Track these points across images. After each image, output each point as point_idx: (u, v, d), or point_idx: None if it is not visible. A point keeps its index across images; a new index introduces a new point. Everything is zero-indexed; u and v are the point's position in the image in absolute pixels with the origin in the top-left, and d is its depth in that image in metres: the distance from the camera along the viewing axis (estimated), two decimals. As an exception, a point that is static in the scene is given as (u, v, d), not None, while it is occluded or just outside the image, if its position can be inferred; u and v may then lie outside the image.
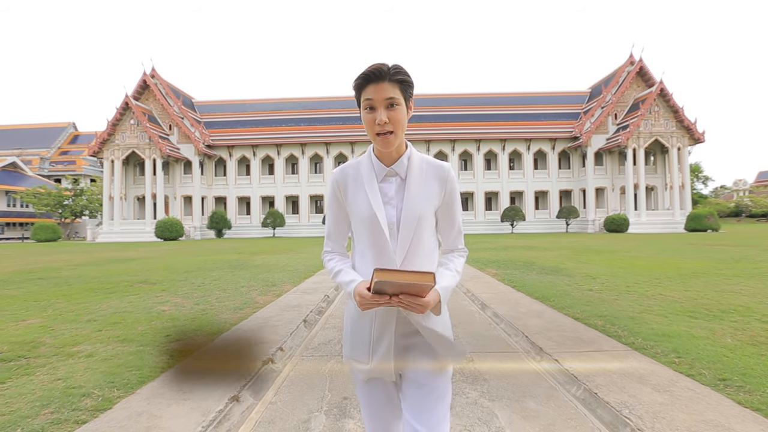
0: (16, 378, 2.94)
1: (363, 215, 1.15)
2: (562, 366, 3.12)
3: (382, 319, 1.14)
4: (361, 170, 1.20)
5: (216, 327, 4.38)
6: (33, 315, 5.05)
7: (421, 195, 1.15)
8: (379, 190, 1.17)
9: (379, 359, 1.14)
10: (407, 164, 1.17)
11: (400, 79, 1.09)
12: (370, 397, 1.20)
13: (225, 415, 2.47)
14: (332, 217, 1.26)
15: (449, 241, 1.26)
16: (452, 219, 1.23)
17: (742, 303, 4.91)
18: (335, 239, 1.27)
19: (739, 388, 2.54)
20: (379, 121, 1.08)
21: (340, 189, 1.21)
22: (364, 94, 1.10)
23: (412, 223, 1.13)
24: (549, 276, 7.71)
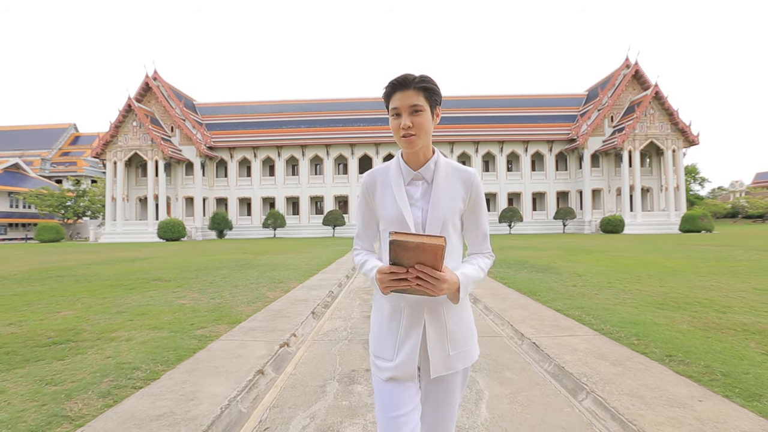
0: (72, 356, 3.44)
1: (390, 216, 1.20)
2: (538, 347, 3.64)
3: (410, 317, 1.18)
4: (390, 174, 1.24)
5: (234, 317, 4.89)
6: (64, 308, 5.55)
7: (446, 198, 1.19)
8: (406, 193, 1.22)
9: (403, 358, 1.17)
10: (434, 168, 1.22)
11: (424, 87, 1.15)
12: (388, 397, 1.19)
13: (254, 383, 2.98)
14: (361, 219, 1.32)
15: (475, 245, 1.29)
16: (477, 223, 1.26)
17: (707, 296, 5.43)
18: (364, 239, 1.33)
19: (681, 362, 3.05)
20: (403, 126, 1.14)
21: (369, 192, 1.27)
22: (392, 103, 1.17)
23: (438, 224, 1.17)
24: (539, 274, 8.23)
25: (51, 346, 3.76)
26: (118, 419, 2.35)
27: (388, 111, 1.20)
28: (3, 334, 4.18)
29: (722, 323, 4.08)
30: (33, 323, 4.65)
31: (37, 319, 4.88)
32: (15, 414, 2.38)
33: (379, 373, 1.21)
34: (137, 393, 2.72)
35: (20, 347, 3.71)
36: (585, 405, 2.63)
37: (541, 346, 3.63)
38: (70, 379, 2.93)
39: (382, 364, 1.20)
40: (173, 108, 37.49)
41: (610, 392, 2.62)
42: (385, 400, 1.19)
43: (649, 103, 34.17)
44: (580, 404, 2.65)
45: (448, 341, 1.19)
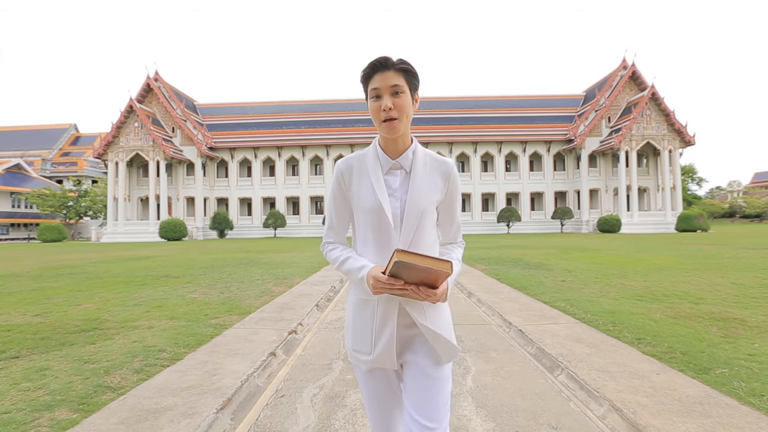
0: (101, 341, 3.81)
1: (367, 206, 1.17)
2: (523, 333, 4.01)
3: (384, 309, 1.16)
4: (367, 162, 1.21)
5: (244, 309, 5.26)
6: (83, 301, 5.91)
7: (425, 189, 1.17)
8: (384, 182, 1.18)
9: (381, 350, 1.16)
10: (412, 158, 1.19)
11: (404, 68, 1.12)
12: (373, 388, 1.21)
13: (267, 363, 3.35)
14: (335, 208, 1.27)
15: (449, 236, 1.29)
16: (453, 214, 1.26)
17: (685, 290, 5.81)
18: (337, 231, 1.29)
19: (648, 344, 3.43)
20: (384, 107, 1.10)
21: (345, 180, 1.22)
22: (371, 84, 1.13)
23: (416, 215, 1.15)
24: (531, 270, 8.61)
25: (80, 333, 4.13)
26: (153, 389, 2.72)
27: (366, 95, 1.16)
28: (33, 323, 4.55)
29: (693, 312, 4.46)
30: (58, 314, 5.02)
31: (61, 311, 5.24)
32: (64, 385, 2.75)
33: (360, 365, 1.22)
34: (166, 370, 3.09)
35: (52, 334, 4.08)
36: (559, 379, 3.00)
37: (526, 332, 4.00)
38: (104, 358, 3.30)
39: (362, 358, 1.20)
40: (174, 109, 37.82)
41: (581, 368, 3.00)
42: (370, 391, 1.21)
43: (646, 103, 34.57)
44: (555, 378, 3.02)
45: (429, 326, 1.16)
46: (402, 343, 1.19)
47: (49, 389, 2.68)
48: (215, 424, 2.31)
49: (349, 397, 2.68)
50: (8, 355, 3.42)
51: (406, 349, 1.20)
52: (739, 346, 3.27)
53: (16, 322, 4.64)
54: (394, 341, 1.15)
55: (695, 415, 2.22)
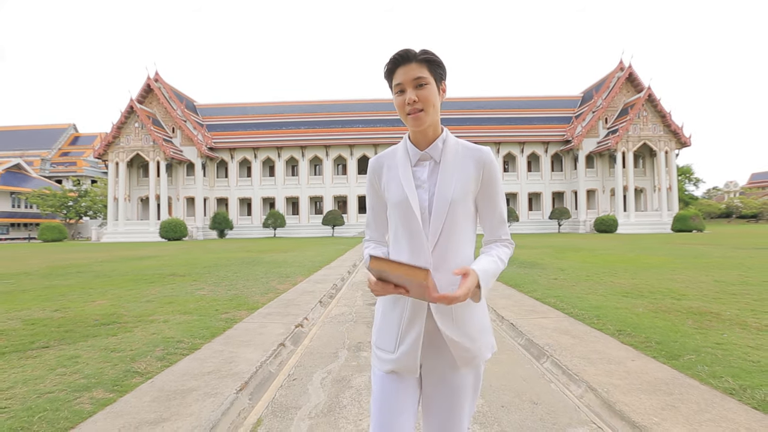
0: (122, 333, 4.09)
1: (396, 199, 1.14)
2: (514, 326, 4.31)
3: (414, 308, 1.11)
4: (397, 156, 1.19)
5: (252, 305, 5.55)
6: (97, 298, 6.19)
7: (455, 178, 1.12)
8: (413, 174, 1.15)
9: (405, 350, 1.11)
10: (442, 147, 1.15)
11: (427, 58, 1.09)
12: (385, 391, 1.13)
13: (277, 353, 3.64)
14: (370, 206, 1.27)
15: (491, 231, 1.20)
16: (492, 205, 1.18)
17: (669, 287, 6.12)
18: (373, 227, 1.28)
19: (627, 335, 3.73)
20: (408, 101, 1.08)
21: (376, 176, 1.22)
22: (394, 79, 1.11)
23: (444, 206, 1.10)
24: (526, 269, 8.92)
25: (100, 326, 4.41)
26: (177, 374, 3.01)
27: (391, 90, 1.14)
28: (54, 318, 4.83)
29: (673, 307, 4.77)
30: (75, 310, 5.30)
31: (77, 306, 5.52)
32: (96, 370, 3.04)
33: (380, 365, 1.16)
34: (186, 358, 3.38)
35: (75, 327, 4.36)
36: (545, 366, 3.30)
37: (517, 326, 4.30)
38: (128, 348, 3.59)
39: (383, 356, 1.15)
40: (174, 109, 38.05)
41: (564, 356, 3.30)
42: (382, 393, 1.14)
43: (643, 105, 34.94)
44: (541, 365, 3.32)
45: (456, 334, 1.10)
46: (429, 351, 1.14)
47: (83, 374, 2.97)
48: (236, 403, 2.61)
49: (355, 380, 2.97)
50: (39, 345, 3.70)
51: (432, 357, 1.14)
52: (709, 337, 3.57)
53: (38, 316, 4.92)
54: (420, 343, 1.10)
55: (660, 393, 2.52)
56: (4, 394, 2.63)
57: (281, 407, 2.58)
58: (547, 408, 2.52)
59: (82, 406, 2.46)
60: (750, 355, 3.09)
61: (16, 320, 4.74)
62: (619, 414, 2.34)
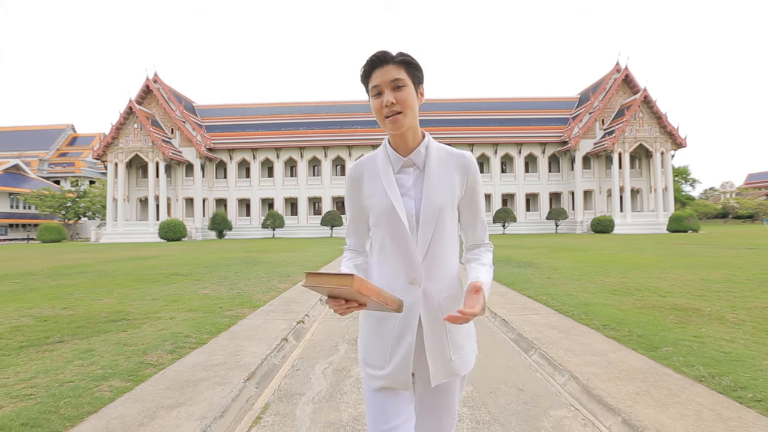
0: (132, 329, 4.29)
1: (380, 208, 1.10)
2: (506, 322, 4.53)
3: (403, 322, 1.08)
4: (378, 162, 1.15)
5: (254, 303, 5.74)
6: (103, 297, 6.38)
7: (441, 185, 1.10)
8: (396, 182, 1.12)
9: (396, 365, 1.08)
10: (425, 153, 1.13)
11: (404, 60, 1.07)
12: (380, 407, 1.11)
13: (281, 347, 3.85)
14: (350, 214, 1.23)
15: (474, 236, 1.21)
16: (476, 211, 1.18)
17: (657, 285, 6.35)
18: (353, 236, 1.24)
19: (612, 329, 3.95)
20: (386, 103, 1.05)
21: (356, 184, 1.17)
22: (371, 81, 1.08)
23: (433, 214, 1.08)
24: (521, 268, 9.14)
25: (110, 323, 4.60)
26: (187, 365, 3.21)
27: (368, 93, 1.11)
28: (64, 315, 5.01)
29: (657, 304, 4.99)
30: (84, 308, 5.49)
31: (85, 305, 5.71)
32: (111, 362, 3.24)
33: (371, 382, 1.13)
34: (195, 351, 3.58)
35: (85, 324, 4.55)
36: (533, 358, 3.51)
37: (509, 321, 4.52)
38: (139, 342, 3.78)
39: (374, 373, 1.12)
40: (173, 110, 38.19)
41: (551, 348, 3.51)
42: (377, 411, 1.11)
43: (639, 106, 35.27)
44: (529, 357, 3.53)
45: (448, 343, 1.10)
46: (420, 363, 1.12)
47: (99, 365, 3.17)
48: (244, 391, 2.81)
49: (354, 370, 3.18)
50: (54, 340, 3.90)
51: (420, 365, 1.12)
52: (688, 330, 3.79)
53: (48, 314, 5.11)
54: (411, 357, 1.08)
55: (636, 381, 2.73)
56: (28, 383, 2.82)
57: (287, 394, 2.79)
58: (531, 393, 2.73)
59: (102, 393, 2.66)
60: (723, 347, 3.31)
61: (28, 317, 4.92)
62: (597, 399, 2.55)
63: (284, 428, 2.30)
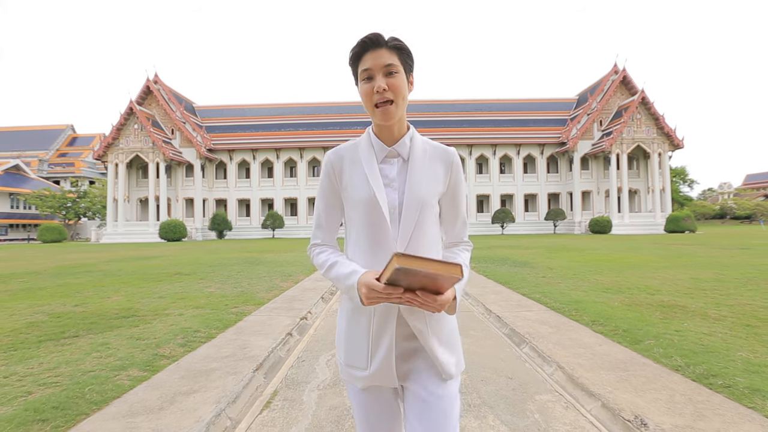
0: (143, 325, 4.49)
1: (360, 198, 1.06)
2: (500, 318, 4.74)
3: (381, 317, 1.03)
4: (360, 150, 1.10)
5: (258, 301, 5.95)
6: (111, 295, 6.57)
7: (425, 178, 1.07)
8: (380, 172, 1.08)
9: (379, 365, 1.03)
10: (410, 145, 1.10)
11: (397, 45, 1.03)
12: (367, 408, 1.09)
13: (285, 341, 4.05)
14: (323, 204, 1.15)
15: (454, 233, 1.17)
16: (457, 208, 1.14)
17: (647, 284, 6.57)
18: (326, 229, 1.15)
19: (600, 324, 4.16)
20: (378, 88, 1.00)
21: (335, 171, 1.11)
22: (362, 65, 1.03)
23: (416, 207, 1.04)
24: (517, 268, 9.35)
25: (121, 319, 4.80)
26: (199, 357, 3.42)
27: (355, 78, 1.07)
28: (76, 312, 5.22)
29: (646, 301, 5.21)
30: (94, 305, 5.69)
31: (95, 302, 5.91)
32: (127, 354, 3.44)
33: (354, 382, 1.08)
34: (205, 345, 3.79)
35: (98, 320, 4.76)
36: (524, 351, 3.72)
37: (503, 318, 4.73)
38: (151, 337, 3.99)
39: (356, 374, 1.07)
40: (174, 111, 38.38)
41: (541, 342, 3.72)
42: (364, 410, 1.09)
43: (636, 108, 35.53)
44: (520, 350, 3.75)
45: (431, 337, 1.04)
46: (403, 358, 1.06)
47: (116, 357, 3.37)
48: (253, 380, 3.01)
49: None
50: (70, 335, 4.10)
51: (407, 365, 1.07)
52: (670, 325, 4.01)
53: (61, 311, 5.31)
54: (393, 354, 1.03)
55: (617, 370, 2.94)
56: (52, 372, 3.03)
57: (293, 382, 3.00)
58: (519, 381, 2.94)
59: (122, 381, 2.86)
60: (702, 340, 3.52)
61: (41, 314, 5.12)
62: (580, 386, 2.76)
63: (293, 411, 2.52)
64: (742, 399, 2.38)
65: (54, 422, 2.25)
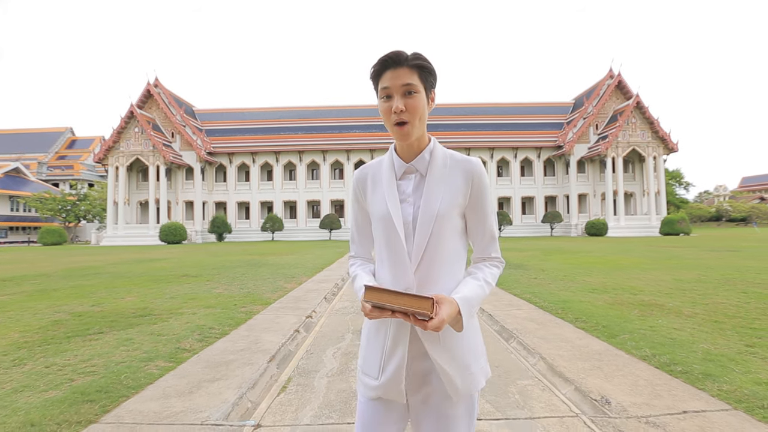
0: (160, 323, 4.84)
1: (378, 215, 1.10)
2: (491, 316, 5.11)
3: (396, 332, 1.04)
4: (382, 168, 1.14)
5: (265, 301, 6.30)
6: (125, 295, 6.91)
7: (442, 191, 1.06)
8: (398, 188, 1.09)
9: (389, 377, 1.04)
10: (428, 159, 1.10)
11: (418, 64, 1.03)
12: (371, 417, 1.09)
13: (294, 337, 4.41)
14: (354, 220, 1.22)
15: (481, 248, 1.13)
16: (483, 220, 1.11)
17: (632, 284, 6.95)
18: (359, 243, 1.22)
19: (582, 321, 4.53)
20: (395, 109, 1.01)
21: (360, 189, 1.17)
22: (381, 83, 1.04)
23: (429, 222, 1.03)
24: (511, 270, 9.73)
25: (139, 317, 5.15)
26: (217, 350, 3.77)
27: (376, 93, 1.08)
28: (95, 311, 5.56)
29: (628, 300, 5.58)
30: (109, 305, 6.03)
31: (110, 302, 6.25)
32: (151, 348, 3.79)
33: (365, 391, 1.11)
34: (220, 340, 4.14)
35: (117, 318, 5.10)
36: (511, 345, 4.09)
37: (494, 316, 5.10)
38: (170, 333, 4.34)
39: (368, 382, 1.10)
40: (174, 114, 38.73)
41: (528, 337, 4.09)
42: (366, 421, 1.10)
43: (631, 112, 36.07)
44: (508, 344, 4.12)
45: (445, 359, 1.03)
46: (415, 377, 1.06)
47: (142, 350, 3.73)
48: (267, 370, 3.37)
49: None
50: (94, 331, 4.45)
51: (419, 385, 1.07)
52: (646, 322, 4.38)
53: (80, 310, 5.65)
54: (403, 370, 1.04)
55: (592, 360, 3.31)
56: (87, 363, 3.38)
57: (304, 371, 3.36)
58: (504, 369, 3.31)
59: (152, 370, 3.22)
60: (671, 334, 3.90)
61: (62, 313, 5.47)
62: (558, 373, 3.13)
63: (306, 393, 2.88)
64: (696, 382, 2.75)
65: (100, 402, 2.60)
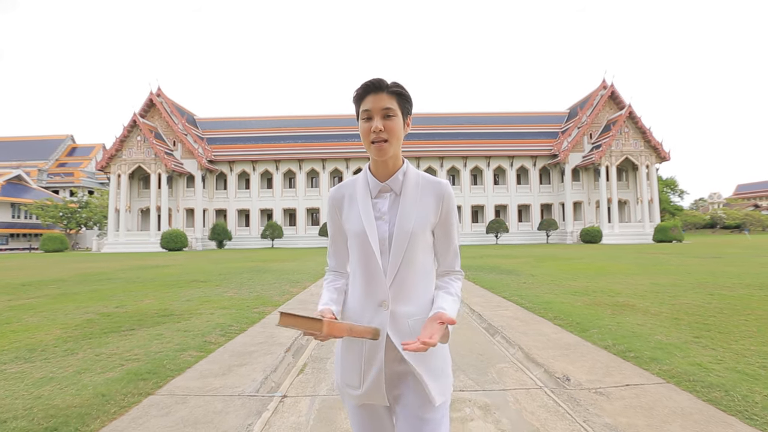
0: (183, 321, 5.39)
1: (354, 232, 1.16)
2: (480, 315, 5.68)
3: (373, 343, 1.12)
4: (357, 187, 1.20)
5: (274, 302, 6.85)
6: (142, 298, 7.45)
7: (415, 210, 1.14)
8: (372, 206, 1.17)
9: (370, 384, 1.12)
10: (402, 180, 1.17)
11: (397, 91, 1.13)
12: (362, 423, 1.19)
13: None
14: (330, 236, 1.29)
15: (446, 263, 1.23)
16: (449, 238, 1.21)
17: (612, 288, 7.54)
18: (334, 258, 1.30)
19: (560, 319, 5.11)
20: (375, 128, 1.10)
21: (336, 208, 1.23)
22: (363, 105, 1.13)
23: (404, 239, 1.12)
24: (503, 275, 10.31)
25: (162, 317, 5.69)
26: (239, 343, 4.33)
27: (357, 115, 1.17)
28: (119, 312, 6.10)
29: (604, 302, 6.17)
30: (132, 307, 6.57)
31: (132, 304, 6.79)
32: (182, 341, 4.34)
33: (350, 400, 1.18)
34: (240, 335, 4.70)
35: (143, 318, 5.65)
36: (496, 339, 4.66)
37: (483, 315, 5.67)
38: (195, 329, 4.89)
39: (351, 392, 1.16)
40: (176, 123, 39.39)
41: (511, 332, 4.66)
42: (359, 422, 1.19)
43: (624, 122, 36.96)
44: (493, 338, 4.69)
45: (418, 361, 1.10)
46: (393, 380, 1.15)
47: (174, 343, 4.28)
48: (285, 358, 3.93)
49: (363, 346, 4.32)
50: (126, 328, 4.99)
51: (397, 387, 1.15)
52: (615, 319, 4.96)
53: (106, 311, 6.19)
54: (383, 375, 1.12)
55: (562, 349, 3.89)
56: (130, 353, 3.93)
57: (317, 358, 3.92)
58: (487, 357, 3.88)
59: (186, 358, 3.77)
60: (634, 329, 4.48)
61: (91, 313, 6.00)
62: (532, 360, 3.70)
63: (320, 374, 3.45)
64: (643, 365, 3.33)
65: (152, 380, 3.16)
